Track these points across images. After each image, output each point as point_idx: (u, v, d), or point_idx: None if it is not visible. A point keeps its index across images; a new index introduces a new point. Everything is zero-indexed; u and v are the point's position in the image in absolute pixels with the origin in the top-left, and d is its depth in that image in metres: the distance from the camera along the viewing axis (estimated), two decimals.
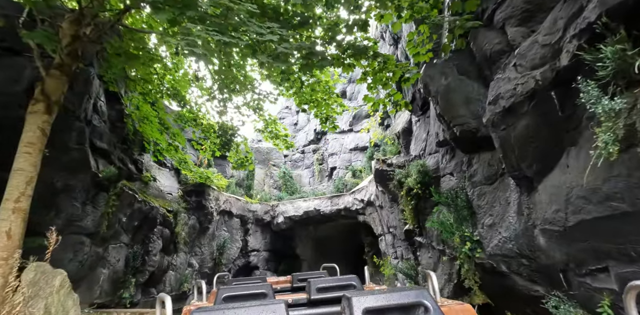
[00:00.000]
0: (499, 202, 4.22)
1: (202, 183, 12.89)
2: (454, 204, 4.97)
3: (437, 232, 5.70)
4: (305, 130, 20.31)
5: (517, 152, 3.49)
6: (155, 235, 9.79)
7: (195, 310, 1.58)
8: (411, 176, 6.79)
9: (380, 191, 10.99)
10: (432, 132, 6.84)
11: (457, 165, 5.65)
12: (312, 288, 2.94)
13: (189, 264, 12.18)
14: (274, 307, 1.57)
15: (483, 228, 4.41)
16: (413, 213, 6.72)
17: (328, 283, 3.05)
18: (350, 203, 14.24)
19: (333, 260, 18.08)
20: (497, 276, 4.11)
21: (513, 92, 3.44)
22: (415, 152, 7.75)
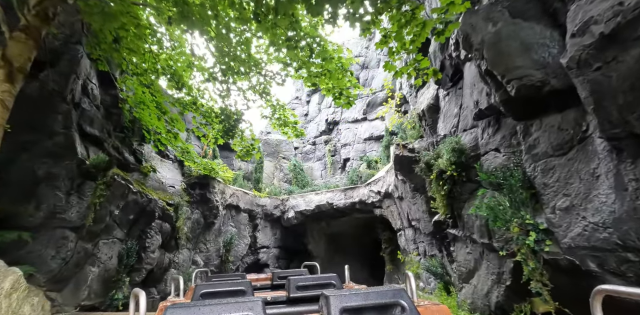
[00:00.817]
0: (578, 176, 3.13)
1: (207, 175, 12.01)
2: (507, 185, 3.90)
3: (480, 222, 4.62)
4: (316, 120, 19.29)
5: (622, 98, 2.41)
6: (154, 230, 8.92)
7: (171, 306, 1.53)
8: (442, 157, 5.70)
9: (400, 181, 9.89)
10: (467, 105, 5.73)
11: (505, 138, 4.55)
12: (291, 286, 2.91)
13: (193, 262, 11.32)
14: (251, 304, 1.52)
15: (554, 213, 3.33)
16: (445, 201, 5.64)
17: (308, 281, 3.01)
18: (365, 196, 13.17)
19: (347, 257, 17.06)
20: (577, 277, 3.05)
21: (618, 9, 2.36)
22: (445, 130, 6.64)
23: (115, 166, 8.33)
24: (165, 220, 9.54)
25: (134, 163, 9.89)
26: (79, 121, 7.95)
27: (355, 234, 17.70)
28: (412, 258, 9.46)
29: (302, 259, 16.63)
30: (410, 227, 10.80)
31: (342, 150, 16.99)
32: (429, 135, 7.95)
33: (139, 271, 8.29)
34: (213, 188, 12.01)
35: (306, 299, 2.92)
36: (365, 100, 16.42)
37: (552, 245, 3.27)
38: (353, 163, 16.08)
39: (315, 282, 3.07)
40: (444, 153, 5.60)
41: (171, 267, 10.00)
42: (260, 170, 15.67)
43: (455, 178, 5.32)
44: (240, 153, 10.54)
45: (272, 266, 15.27)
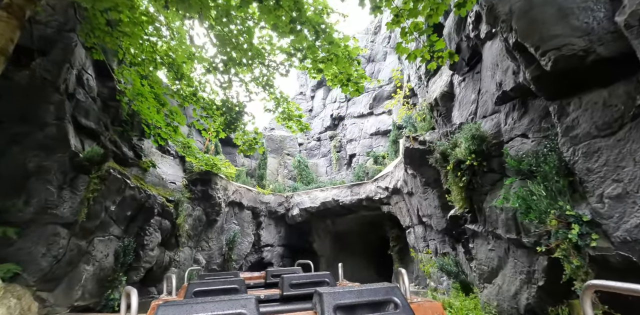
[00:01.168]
0: (632, 159, 2.68)
1: (209, 171, 11.63)
2: (541, 172, 3.44)
3: (506, 215, 4.16)
4: (321, 116, 18.85)
5: None
6: (153, 227, 8.54)
7: (162, 304, 1.50)
8: (460, 146, 5.24)
9: (410, 175, 9.43)
10: (487, 89, 5.26)
11: (534, 121, 4.09)
12: (285, 284, 2.90)
13: (194, 260, 10.95)
14: (244, 302, 1.51)
15: (602, 202, 2.88)
16: (463, 193, 5.18)
17: (301, 279, 3.02)
18: (372, 192, 12.71)
19: (353, 256, 16.59)
20: (633, 275, 2.59)
21: None
22: (460, 118, 6.17)
23: (111, 160, 7.96)
24: (165, 217, 9.16)
25: (132, 158, 9.53)
26: (73, 113, 7.59)
27: (362, 232, 17.25)
28: (424, 256, 8.98)
29: (307, 258, 16.15)
30: (421, 224, 10.33)
31: (348, 145, 16.53)
32: (442, 125, 7.48)
33: (137, 270, 7.91)
34: (215, 184, 11.62)
35: (300, 296, 2.90)
36: (372, 94, 15.94)
37: (599, 239, 2.81)
38: (359, 159, 15.62)
39: (308, 280, 3.06)
40: (462, 141, 5.14)
41: (172, 266, 9.63)
42: (263, 167, 15.27)
43: (475, 168, 4.86)
44: (243, 147, 10.13)
45: (276, 265, 14.87)
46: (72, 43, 7.61)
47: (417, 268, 11.86)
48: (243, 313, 1.54)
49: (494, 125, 4.97)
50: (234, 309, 1.53)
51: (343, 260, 16.76)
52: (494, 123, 4.99)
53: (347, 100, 17.41)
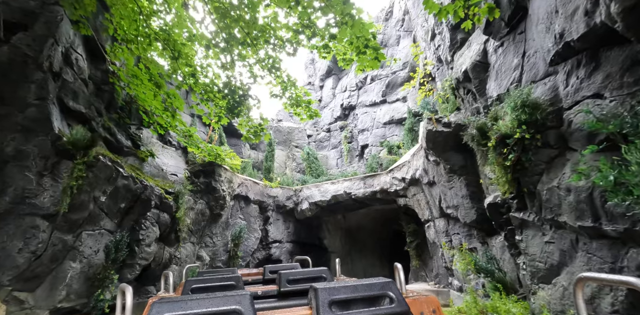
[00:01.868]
0: None
1: (212, 162, 10.86)
2: None
3: (577, 196, 3.26)
4: (331, 106, 17.97)
5: None
6: (149, 221, 7.78)
7: (157, 301, 1.49)
8: (504, 117, 4.33)
9: (431, 163, 8.51)
10: (537, 49, 4.34)
11: (612, 76, 3.18)
12: (282, 280, 2.92)
13: (197, 257, 10.21)
14: (239, 298, 1.52)
15: None
16: (509, 175, 4.28)
17: (298, 275, 3.02)
18: (387, 183, 11.81)
19: (365, 252, 15.70)
20: None
21: None
22: (499, 89, 5.25)
23: (102, 146, 7.23)
24: (164, 210, 8.41)
25: (129, 146, 8.81)
26: (59, 94, 6.87)
27: (375, 228, 16.39)
28: (463, 251, 8.06)
29: (317, 255, 15.43)
30: (443, 217, 9.42)
31: (360, 136, 15.63)
32: (471, 102, 6.55)
33: (131, 267, 7.17)
34: (219, 176, 10.85)
35: (297, 292, 2.93)
36: (384, 81, 15.01)
37: None
38: (372, 149, 14.72)
39: (306, 276, 3.08)
40: (507, 112, 4.23)
41: (172, 263, 8.89)
42: (271, 159, 14.47)
43: (525, 143, 3.96)
44: (247, 135, 9.33)
45: (285, 262, 14.09)
46: (56, 16, 6.84)
47: (436, 265, 10.96)
48: (238, 309, 1.52)
49: (548, 90, 4.06)
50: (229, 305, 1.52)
51: (355, 257, 15.92)
52: (547, 88, 4.07)
53: (358, 88, 16.50)
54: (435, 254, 11.06)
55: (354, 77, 16.91)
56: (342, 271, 15.68)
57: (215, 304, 1.52)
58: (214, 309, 1.51)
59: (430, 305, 1.97)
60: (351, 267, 15.88)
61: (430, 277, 11.42)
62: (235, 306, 1.53)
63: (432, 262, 11.33)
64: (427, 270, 11.61)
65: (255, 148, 15.62)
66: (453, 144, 7.62)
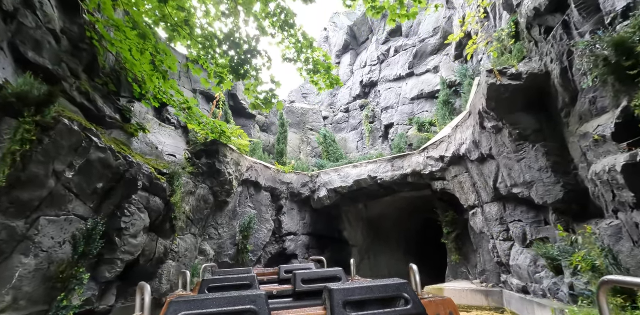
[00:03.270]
0: None
1: (215, 140, 9.28)
2: None
3: None
4: (348, 85, 16.20)
5: None
6: (135, 206, 6.22)
7: (175, 299, 1.54)
8: None
9: (489, 130, 6.72)
10: None
11: None
12: (297, 280, 2.97)
13: (200, 251, 8.67)
14: (254, 298, 1.55)
15: None
16: None
17: (313, 275, 3.08)
18: (421, 165, 10.06)
19: (390, 246, 13.92)
20: None
21: None
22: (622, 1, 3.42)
23: (76, 114, 5.68)
24: (155, 194, 6.85)
25: (113, 118, 7.28)
26: (13, 39, 5.33)
27: (400, 218, 14.67)
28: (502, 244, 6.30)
29: (336, 249, 13.83)
30: (497, 201, 7.66)
31: (383, 115, 13.85)
32: (560, 37, 4.73)
33: (111, 264, 5.62)
34: (224, 157, 9.26)
35: (312, 292, 2.90)
36: (411, 52, 13.17)
37: None
38: (398, 129, 12.95)
39: (320, 276, 3.08)
40: None
41: (168, 259, 7.35)
42: (283, 141, 12.83)
43: None
44: (256, 102, 7.68)
45: (301, 257, 12.51)
46: None
47: (483, 260, 9.21)
48: (253, 308, 1.53)
49: None
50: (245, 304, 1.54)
51: (378, 252, 14.14)
52: None
53: (380, 62, 14.68)
54: (481, 246, 9.31)
55: (374, 50, 15.08)
56: (364, 268, 14.05)
57: (232, 303, 1.52)
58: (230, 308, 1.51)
59: (447, 307, 1.84)
60: (374, 263, 14.22)
61: (474, 274, 9.67)
62: (251, 306, 1.53)
63: (476, 256, 9.58)
64: (470, 267, 9.86)
65: (266, 130, 14.00)
66: (524, 103, 5.84)
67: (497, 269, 8.80)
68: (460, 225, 10.00)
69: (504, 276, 8.13)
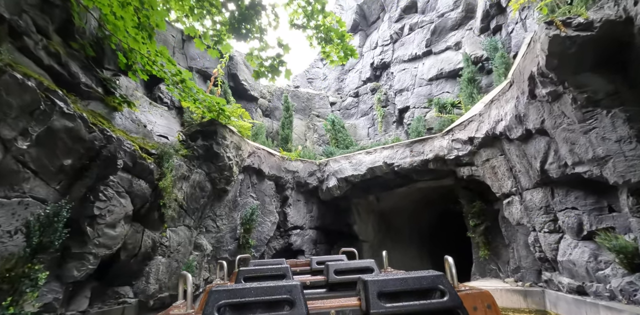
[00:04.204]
0: None
1: (213, 120, 8.16)
2: None
3: None
4: (357, 68, 15.05)
5: None
6: (113, 189, 5.10)
7: (215, 288, 1.60)
8: None
9: (542, 100, 5.59)
10: None
11: None
12: (330, 271, 3.02)
13: (195, 246, 7.57)
14: (289, 287, 1.59)
15: None
16: None
17: (346, 266, 3.11)
18: (444, 149, 8.94)
19: (403, 242, 12.85)
20: None
21: None
22: None
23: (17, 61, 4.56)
24: (140, 176, 5.73)
25: (90, 86, 6.15)
26: None
27: (415, 211, 13.58)
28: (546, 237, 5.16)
29: (345, 244, 12.66)
30: (542, 186, 6.56)
31: (397, 98, 12.70)
32: None
33: (80, 259, 4.51)
34: (223, 139, 8.13)
35: (344, 283, 2.96)
36: (428, 28, 12.01)
37: None
38: (414, 112, 11.81)
39: (353, 267, 3.12)
40: None
41: (157, 254, 6.23)
42: (288, 126, 11.70)
43: None
44: (260, 69, 6.54)
45: (308, 253, 11.42)
46: None
47: (517, 256, 8.11)
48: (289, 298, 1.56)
49: None
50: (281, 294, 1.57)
51: (390, 248, 13.05)
52: None
53: (393, 41, 13.50)
54: (514, 240, 8.20)
55: (387, 29, 13.90)
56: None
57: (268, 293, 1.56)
58: (267, 297, 1.55)
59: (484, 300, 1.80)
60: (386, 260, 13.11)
61: (505, 272, 8.57)
62: (287, 295, 1.56)
63: (508, 251, 8.48)
64: (501, 263, 8.75)
65: (269, 115, 12.87)
66: (594, 60, 4.71)
67: (535, 265, 7.71)
68: (489, 216, 8.89)
69: (547, 274, 7.03)
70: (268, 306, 1.57)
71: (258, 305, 1.56)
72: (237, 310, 1.55)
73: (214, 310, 1.48)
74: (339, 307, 1.73)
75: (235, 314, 1.54)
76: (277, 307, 1.57)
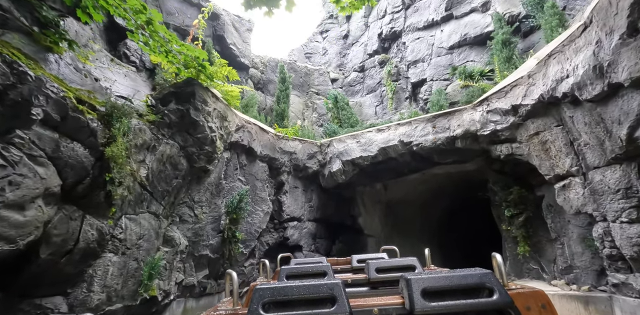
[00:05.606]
0: None
1: (191, 79, 6.42)
2: None
3: None
4: (362, 41, 13.35)
5: None
6: (22, 150, 3.29)
7: (259, 285, 1.65)
8: None
9: None
10: None
11: None
12: (370, 269, 3.03)
13: (165, 240, 5.83)
14: (332, 285, 1.60)
15: None
16: None
17: (387, 264, 3.11)
18: (477, 123, 7.34)
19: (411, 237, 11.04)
20: None
21: None
22: None
23: None
24: (74, 137, 3.95)
25: (12, 14, 4.30)
26: None
27: (428, 202, 12.04)
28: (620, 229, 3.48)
29: (348, 239, 11.11)
30: (624, 162, 4.98)
31: (411, 70, 11.05)
32: None
33: None
34: (203, 104, 6.37)
35: (386, 282, 2.95)
36: None
37: None
38: (432, 85, 10.19)
39: (394, 265, 3.05)
40: None
41: (106, 250, 4.47)
42: (285, 100, 9.96)
43: None
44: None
45: (306, 249, 9.78)
46: None
47: (570, 253, 6.57)
48: (332, 296, 1.56)
49: None
50: (323, 291, 1.58)
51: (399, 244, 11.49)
52: None
53: (405, 7, 11.82)
54: (565, 234, 6.66)
55: None
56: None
57: (311, 290, 1.58)
58: (311, 295, 1.57)
59: (538, 299, 1.67)
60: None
61: (551, 272, 7.04)
62: (329, 293, 1.57)
63: (554, 248, 6.93)
64: (545, 261, 7.21)
65: (262, 89, 11.10)
66: None
67: (593, 264, 6.19)
68: (530, 205, 7.33)
69: (619, 276, 5.48)
70: (311, 304, 1.55)
71: (301, 302, 1.56)
72: (281, 307, 1.55)
73: (259, 307, 1.51)
74: (382, 306, 1.65)
75: (279, 311, 1.53)
76: (320, 305, 1.55)
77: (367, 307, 1.66)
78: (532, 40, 8.34)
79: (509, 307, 1.52)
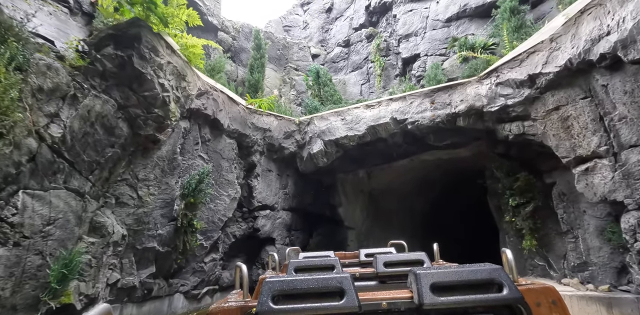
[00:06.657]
0: None
1: (137, 19, 4.93)
2: None
3: None
4: (347, 14, 12.14)
5: None
6: None
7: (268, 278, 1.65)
8: None
9: None
10: None
11: None
12: (378, 263, 3.03)
13: (93, 227, 4.36)
14: (340, 279, 1.61)
15: None
16: None
17: (395, 259, 3.10)
18: (483, 97, 6.37)
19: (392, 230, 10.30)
20: None
21: None
22: None
23: None
24: None
25: None
26: None
27: (414, 192, 11.15)
28: None
29: (327, 232, 9.99)
30: None
31: (402, 45, 9.96)
32: None
33: None
34: (153, 53, 4.93)
35: (394, 276, 2.95)
36: None
37: None
38: (427, 61, 9.16)
39: (403, 260, 3.06)
40: None
41: None
42: (259, 70, 8.56)
43: None
44: None
45: (279, 242, 8.52)
46: None
47: (585, 247, 5.73)
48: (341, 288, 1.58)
49: None
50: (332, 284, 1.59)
51: (381, 237, 10.84)
52: None
53: None
54: (579, 226, 5.82)
55: None
56: None
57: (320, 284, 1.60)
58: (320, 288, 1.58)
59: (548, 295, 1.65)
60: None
61: (561, 269, 6.20)
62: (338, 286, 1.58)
63: (564, 241, 6.08)
64: (553, 257, 6.36)
65: (233, 58, 9.60)
66: None
67: (612, 261, 5.41)
68: (539, 194, 6.45)
69: None
70: (320, 297, 1.56)
71: (310, 295, 1.56)
72: (290, 300, 1.55)
73: (268, 299, 1.52)
74: (390, 299, 1.65)
75: (288, 303, 1.53)
76: (329, 298, 1.56)
77: (376, 300, 1.64)
78: (541, 10, 7.50)
79: (518, 302, 1.50)
